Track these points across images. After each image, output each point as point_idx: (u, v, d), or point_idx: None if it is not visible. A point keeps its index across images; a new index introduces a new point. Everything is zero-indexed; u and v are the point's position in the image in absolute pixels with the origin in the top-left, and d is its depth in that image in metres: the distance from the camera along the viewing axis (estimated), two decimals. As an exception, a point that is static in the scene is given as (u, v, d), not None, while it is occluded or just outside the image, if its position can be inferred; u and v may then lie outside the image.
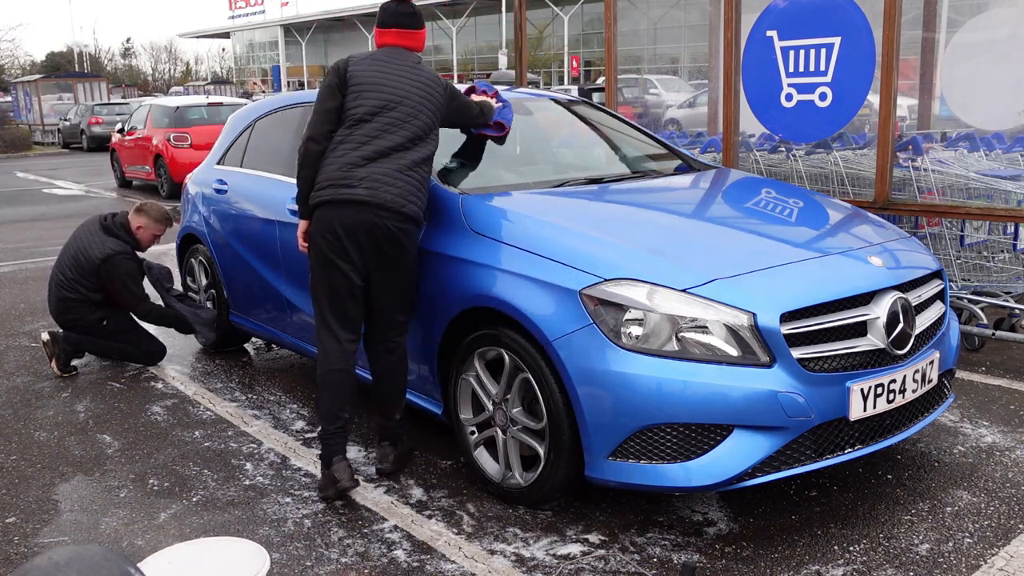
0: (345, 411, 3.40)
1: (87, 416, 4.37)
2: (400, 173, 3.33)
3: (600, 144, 4.70)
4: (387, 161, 3.34)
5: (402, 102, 3.40)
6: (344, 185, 3.32)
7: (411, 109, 3.40)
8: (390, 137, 3.36)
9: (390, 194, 3.29)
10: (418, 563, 2.93)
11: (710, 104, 6.87)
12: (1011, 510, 3.16)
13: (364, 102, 3.40)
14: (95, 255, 4.91)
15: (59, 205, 13.34)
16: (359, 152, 3.35)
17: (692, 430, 2.81)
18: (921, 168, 4.97)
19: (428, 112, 3.44)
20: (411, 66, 3.49)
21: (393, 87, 3.42)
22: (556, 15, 46.10)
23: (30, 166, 21.58)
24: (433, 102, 3.47)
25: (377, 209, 3.28)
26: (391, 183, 3.31)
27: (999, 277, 5.01)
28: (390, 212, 3.29)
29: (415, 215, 3.36)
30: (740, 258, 3.09)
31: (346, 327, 3.41)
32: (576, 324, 2.91)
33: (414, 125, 3.39)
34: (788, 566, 2.85)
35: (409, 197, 3.33)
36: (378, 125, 3.37)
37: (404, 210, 3.31)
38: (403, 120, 3.38)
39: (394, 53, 3.52)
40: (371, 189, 3.28)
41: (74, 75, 36.07)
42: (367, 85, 3.42)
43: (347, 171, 3.33)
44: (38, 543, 3.15)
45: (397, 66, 3.47)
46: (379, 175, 3.31)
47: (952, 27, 5.85)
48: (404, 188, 3.33)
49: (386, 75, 3.44)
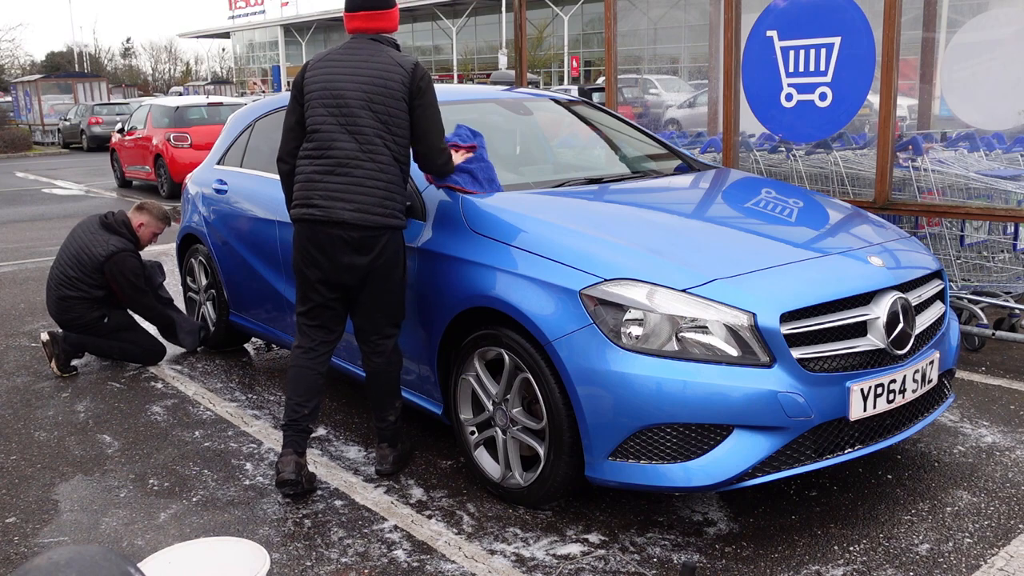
0: (306, 407, 3.39)
1: (87, 416, 4.37)
2: (358, 185, 3.20)
3: (600, 144, 4.71)
4: (344, 172, 3.21)
5: (349, 100, 3.21)
6: (304, 204, 3.26)
7: (359, 106, 3.21)
8: (342, 145, 3.21)
9: (347, 211, 3.19)
10: (418, 563, 2.93)
11: (710, 104, 6.87)
12: (1011, 510, 3.16)
13: (314, 111, 3.27)
14: (99, 252, 4.92)
15: (59, 205, 13.34)
16: (315, 167, 3.25)
17: (692, 430, 2.81)
18: (921, 168, 4.97)
19: (381, 104, 3.21)
20: (367, 55, 3.27)
21: (340, 88, 3.23)
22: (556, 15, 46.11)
23: (30, 166, 21.58)
24: (388, 92, 3.21)
25: (336, 227, 3.20)
26: (350, 197, 3.19)
27: (999, 277, 5.01)
28: (352, 227, 3.20)
29: (384, 224, 3.24)
30: (740, 258, 3.09)
31: (319, 332, 3.41)
32: (576, 324, 2.91)
33: (365, 126, 3.21)
34: (788, 566, 2.85)
35: (373, 209, 3.20)
36: (328, 134, 3.24)
37: (367, 223, 3.20)
38: (352, 124, 3.22)
39: (353, 46, 3.33)
40: (326, 209, 3.20)
41: (74, 75, 36.06)
42: (316, 91, 3.27)
43: (307, 189, 3.26)
44: (38, 543, 3.15)
45: (350, 62, 3.27)
46: (336, 190, 3.20)
47: (952, 27, 5.85)
48: (365, 200, 3.20)
49: (335, 75, 3.26)
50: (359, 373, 4.04)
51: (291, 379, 3.41)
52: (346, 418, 4.25)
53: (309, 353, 3.40)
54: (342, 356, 4.13)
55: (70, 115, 27.34)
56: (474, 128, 3.72)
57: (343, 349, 4.09)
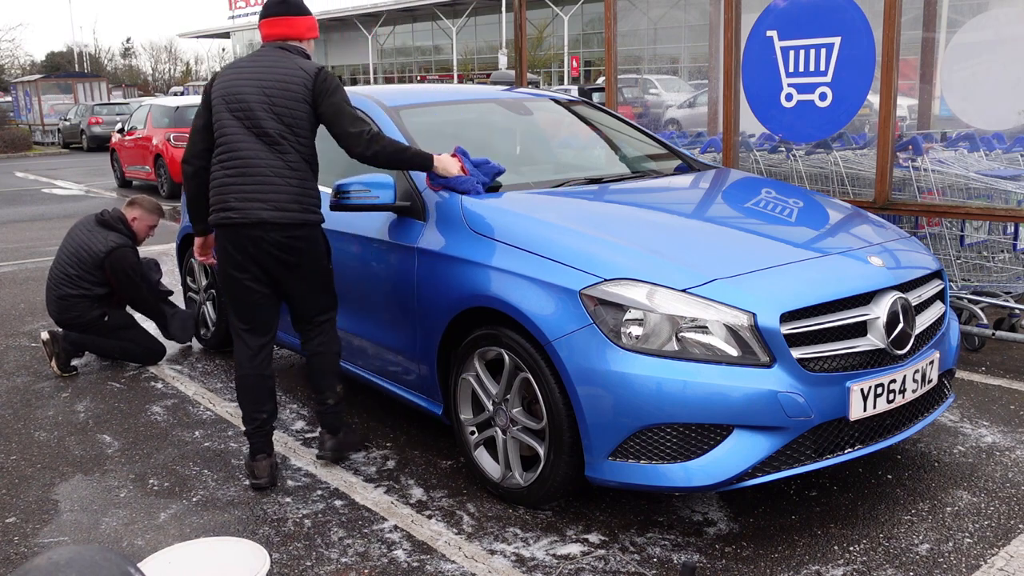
0: (263, 412, 3.49)
1: (87, 416, 4.37)
2: (269, 185, 3.29)
3: (600, 144, 4.70)
4: (253, 174, 3.29)
5: (253, 105, 3.31)
6: (221, 209, 3.34)
7: (263, 111, 3.30)
8: (248, 148, 3.30)
9: (265, 210, 3.27)
10: (418, 563, 2.93)
11: (710, 104, 6.87)
12: (1011, 510, 3.16)
13: (220, 116, 3.36)
14: (98, 249, 4.95)
15: (59, 205, 13.33)
16: (225, 171, 3.34)
17: (692, 430, 2.81)
18: (921, 168, 4.97)
19: (284, 107, 3.31)
20: (271, 62, 3.38)
21: (243, 93, 3.33)
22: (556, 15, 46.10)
23: (30, 166, 21.58)
24: (290, 95, 3.32)
25: (254, 228, 3.29)
26: (264, 197, 3.28)
27: (999, 277, 5.01)
28: (270, 226, 3.29)
29: (300, 221, 3.32)
30: (740, 258, 3.09)
31: (255, 333, 3.48)
32: (576, 324, 2.91)
33: (269, 128, 3.30)
34: (788, 566, 2.85)
35: (287, 206, 3.29)
36: (234, 137, 3.32)
37: (285, 220, 3.29)
38: (256, 127, 3.31)
39: (260, 53, 3.46)
40: (243, 211, 3.28)
41: (74, 75, 36.07)
42: (222, 98, 3.36)
43: (222, 193, 3.34)
44: (38, 543, 3.14)
45: (254, 69, 3.38)
46: (250, 192, 3.29)
47: (952, 27, 5.85)
48: (279, 198, 3.29)
49: (240, 81, 3.36)
50: (359, 373, 4.04)
51: (241, 388, 3.49)
52: (346, 418, 4.24)
53: (252, 360, 3.48)
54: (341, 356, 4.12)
55: (70, 115, 27.33)
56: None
57: (343, 349, 4.09)
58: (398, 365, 3.76)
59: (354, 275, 3.89)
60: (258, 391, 3.49)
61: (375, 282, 3.77)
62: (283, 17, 3.46)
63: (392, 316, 3.70)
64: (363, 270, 3.83)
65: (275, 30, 3.46)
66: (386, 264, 3.69)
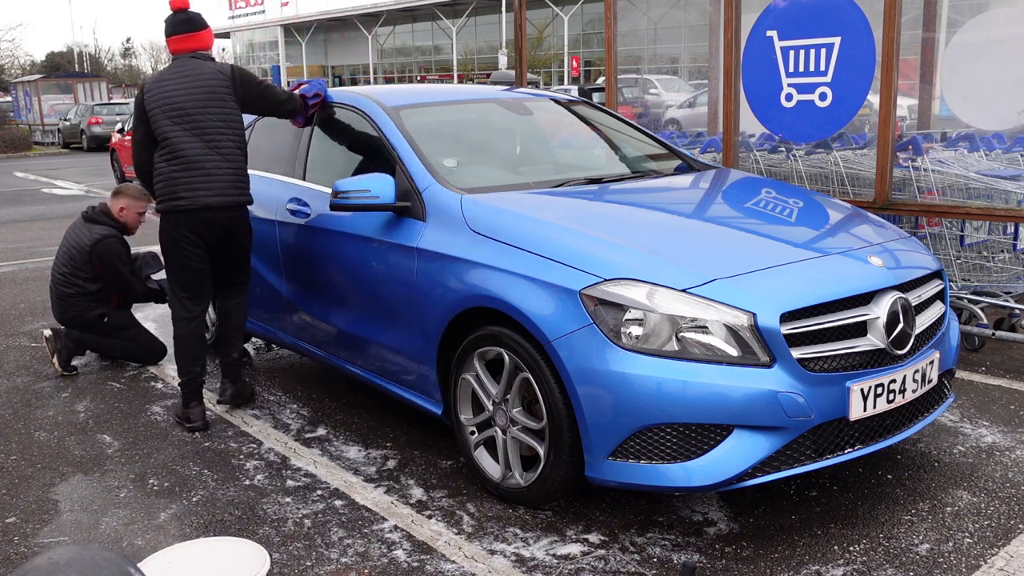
0: (196, 366, 4.13)
1: (87, 416, 4.37)
2: (210, 175, 3.91)
3: (600, 144, 4.70)
4: (196, 167, 3.90)
5: (188, 109, 3.90)
6: (170, 198, 3.94)
7: (197, 112, 3.90)
8: (189, 146, 3.89)
9: (210, 197, 3.91)
10: (418, 563, 2.93)
11: (710, 104, 6.87)
12: (1011, 510, 3.16)
13: (159, 123, 3.93)
14: (85, 243, 5.00)
15: (59, 205, 13.34)
16: (172, 167, 3.92)
17: (692, 430, 2.81)
18: (921, 168, 4.97)
19: (215, 107, 3.92)
20: (191, 71, 3.96)
21: (178, 98, 3.91)
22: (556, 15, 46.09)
23: (30, 166, 21.58)
24: (217, 96, 3.94)
25: (204, 211, 3.92)
26: (208, 185, 3.91)
27: (999, 277, 5.01)
28: (216, 210, 3.94)
29: (236, 203, 4.01)
30: (740, 258, 3.08)
31: (193, 300, 4.11)
32: (576, 324, 2.91)
33: (207, 127, 3.90)
34: (788, 566, 2.85)
35: (227, 191, 3.95)
36: (177, 139, 3.90)
37: (227, 203, 3.96)
38: (195, 127, 3.90)
39: (179, 64, 4.01)
40: (191, 198, 3.90)
41: (74, 75, 36.07)
42: (158, 107, 3.93)
43: (170, 185, 3.93)
44: (38, 543, 3.14)
45: (179, 78, 3.96)
46: (195, 182, 3.90)
47: (952, 27, 5.85)
48: (219, 185, 3.93)
49: (172, 91, 3.94)
50: (359, 373, 4.04)
51: (180, 347, 4.14)
52: (346, 418, 4.25)
53: (192, 322, 4.11)
54: (341, 356, 4.13)
55: (70, 115, 27.33)
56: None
57: (343, 349, 4.09)
58: (398, 365, 3.76)
59: (354, 275, 3.89)
60: (194, 349, 4.12)
61: (375, 282, 3.77)
62: (191, 33, 4.03)
63: (392, 316, 3.70)
64: (363, 270, 3.83)
65: (185, 44, 4.03)
66: (386, 264, 3.69)
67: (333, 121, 4.39)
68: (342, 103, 4.32)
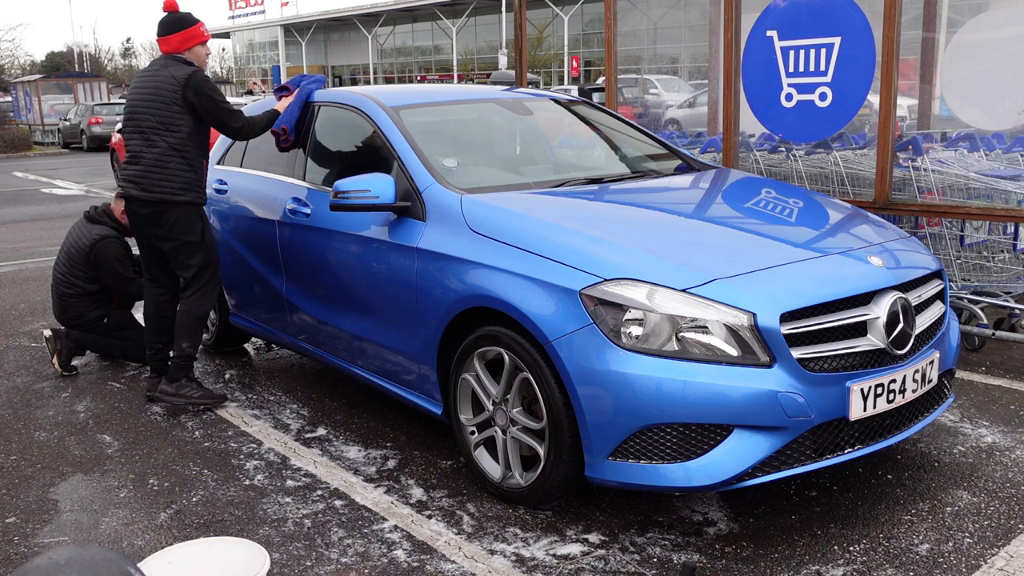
0: (160, 342, 4.49)
1: (87, 416, 4.37)
2: (143, 170, 4.20)
3: (600, 144, 4.70)
4: (135, 162, 4.23)
5: (136, 109, 4.22)
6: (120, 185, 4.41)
7: (142, 112, 4.19)
8: (134, 142, 4.24)
9: (135, 191, 4.23)
10: (418, 563, 2.93)
11: (710, 104, 6.87)
12: (1011, 510, 3.16)
13: (124, 118, 4.31)
14: (84, 244, 5.01)
15: (59, 205, 13.34)
16: (126, 158, 4.32)
17: (692, 430, 2.81)
18: (921, 168, 4.97)
19: (157, 108, 4.17)
20: (152, 73, 4.25)
21: (133, 97, 4.26)
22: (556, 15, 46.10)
23: (30, 166, 21.58)
24: (161, 98, 4.17)
25: (132, 203, 4.29)
26: (138, 180, 4.22)
27: (999, 277, 5.01)
28: (141, 203, 4.24)
29: (159, 199, 4.20)
30: (740, 258, 3.08)
31: (154, 282, 4.50)
32: (576, 324, 2.91)
33: (147, 127, 4.18)
34: (788, 566, 2.85)
35: (153, 188, 4.19)
36: (128, 134, 4.27)
37: (148, 198, 4.21)
38: (139, 126, 4.21)
39: (153, 64, 4.31)
40: (127, 189, 4.28)
41: (74, 75, 36.03)
42: (126, 104, 4.32)
43: (122, 175, 4.33)
44: (38, 543, 3.14)
45: (140, 78, 4.29)
46: (131, 176, 4.25)
47: (952, 27, 5.84)
48: (146, 181, 4.19)
49: (132, 89, 4.31)
50: (359, 373, 4.04)
51: (146, 324, 4.53)
52: (346, 418, 4.25)
53: (155, 304, 4.48)
54: (341, 356, 4.13)
55: (70, 115, 27.31)
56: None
57: (343, 349, 4.09)
58: (398, 365, 3.76)
59: (354, 275, 3.89)
60: (158, 326, 4.48)
61: (375, 282, 3.77)
62: (161, 37, 4.32)
63: (392, 316, 3.70)
64: (363, 270, 3.83)
65: (161, 47, 4.33)
66: (386, 264, 3.69)
67: (333, 121, 4.39)
68: (342, 103, 4.32)
